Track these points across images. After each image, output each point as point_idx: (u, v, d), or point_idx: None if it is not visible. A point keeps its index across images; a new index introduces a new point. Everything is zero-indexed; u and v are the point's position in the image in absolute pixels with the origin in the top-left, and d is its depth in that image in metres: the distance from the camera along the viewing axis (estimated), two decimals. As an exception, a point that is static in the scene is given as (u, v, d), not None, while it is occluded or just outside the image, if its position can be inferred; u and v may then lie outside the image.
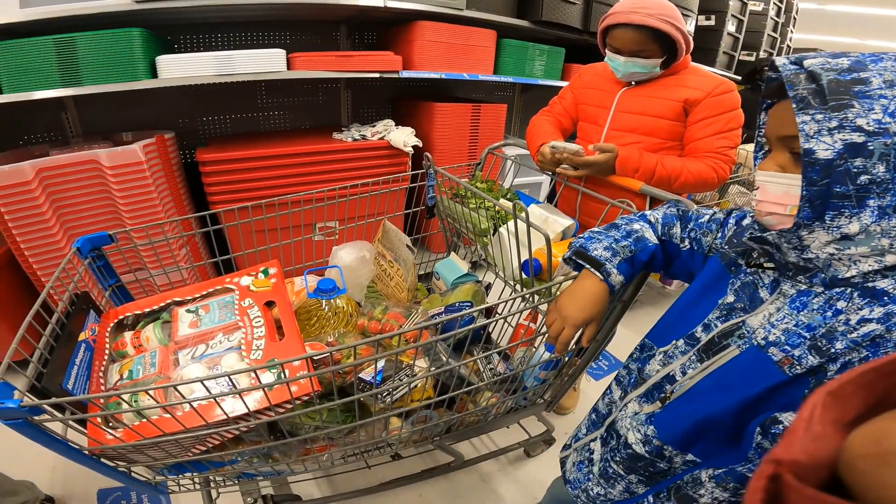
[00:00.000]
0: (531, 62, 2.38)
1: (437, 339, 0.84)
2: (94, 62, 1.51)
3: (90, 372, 0.83)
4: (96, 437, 0.72)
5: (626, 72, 1.32)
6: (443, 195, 1.26)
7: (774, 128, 0.59)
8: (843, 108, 0.49)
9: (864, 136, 0.49)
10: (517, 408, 1.20)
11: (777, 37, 4.40)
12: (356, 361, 0.81)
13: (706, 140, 1.28)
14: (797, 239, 0.55)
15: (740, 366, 0.59)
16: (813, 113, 0.51)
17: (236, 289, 1.01)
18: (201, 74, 1.65)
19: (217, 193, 1.71)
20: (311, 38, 2.23)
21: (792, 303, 0.57)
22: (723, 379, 0.61)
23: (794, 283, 0.59)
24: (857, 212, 0.51)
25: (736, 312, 0.63)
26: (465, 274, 1.27)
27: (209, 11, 1.72)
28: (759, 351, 0.57)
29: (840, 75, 0.51)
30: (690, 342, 0.68)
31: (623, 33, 1.26)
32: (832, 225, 0.52)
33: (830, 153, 0.50)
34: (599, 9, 2.37)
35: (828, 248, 0.53)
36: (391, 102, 2.55)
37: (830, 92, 0.50)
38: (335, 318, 1.09)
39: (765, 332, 0.58)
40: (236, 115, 2.20)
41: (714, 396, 0.61)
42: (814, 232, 0.53)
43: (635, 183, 1.20)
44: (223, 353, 0.88)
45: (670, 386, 0.68)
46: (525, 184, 2.42)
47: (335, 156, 1.84)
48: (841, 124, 0.49)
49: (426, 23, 1.95)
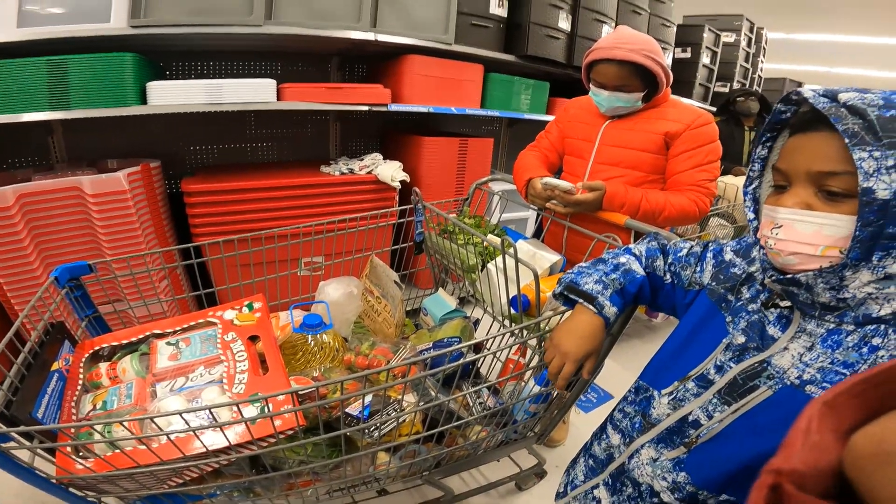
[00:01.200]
0: (517, 96, 2.43)
1: (426, 374, 0.84)
2: (84, 86, 1.50)
3: (62, 401, 0.82)
4: (65, 466, 0.71)
5: (609, 106, 1.36)
6: (430, 231, 1.26)
7: (802, 162, 0.56)
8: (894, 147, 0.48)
9: None
10: (507, 441, 1.18)
11: (749, 67, 4.58)
12: (343, 396, 0.80)
13: (687, 173, 1.32)
14: (838, 279, 0.53)
15: (776, 406, 0.58)
16: (870, 150, 0.49)
17: (219, 322, 1.00)
18: (190, 102, 1.66)
19: (201, 225, 1.69)
20: (303, 68, 2.27)
21: (824, 342, 0.56)
22: (757, 420, 0.59)
23: (821, 321, 0.57)
24: None
25: (749, 352, 0.63)
26: (454, 310, 1.27)
27: (203, 39, 1.74)
28: (794, 390, 0.56)
29: (882, 111, 0.49)
30: (702, 384, 0.66)
31: (606, 68, 1.30)
32: (878, 265, 0.51)
33: (889, 193, 0.48)
34: (582, 43, 2.46)
35: (867, 288, 0.52)
36: (380, 135, 2.57)
37: (882, 128, 0.48)
38: (321, 353, 1.08)
39: (798, 372, 0.57)
40: (224, 145, 2.20)
41: (751, 438, 0.59)
42: (858, 272, 0.52)
43: (621, 217, 1.23)
44: (204, 386, 0.86)
45: (694, 430, 0.66)
46: (512, 219, 2.43)
47: (322, 189, 1.84)
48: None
49: (415, 56, 2.00)
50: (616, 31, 1.33)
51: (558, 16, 2.35)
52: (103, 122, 1.62)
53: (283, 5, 1.74)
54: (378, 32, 1.89)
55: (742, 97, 3.18)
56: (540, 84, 2.51)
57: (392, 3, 1.92)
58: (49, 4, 1.49)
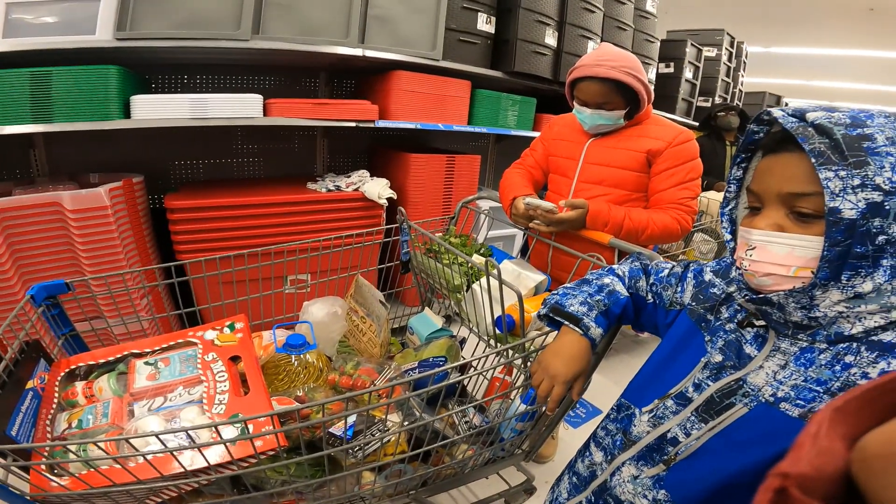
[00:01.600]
0: (504, 112, 2.45)
1: (411, 395, 0.83)
2: (67, 98, 1.48)
3: (36, 420, 0.82)
4: (39, 484, 0.71)
5: (592, 124, 1.38)
6: (416, 250, 1.26)
7: (772, 184, 0.56)
8: (862, 166, 0.48)
9: (882, 195, 0.48)
10: (495, 459, 1.18)
11: (730, 81, 4.66)
12: (326, 417, 0.80)
13: (669, 191, 1.34)
14: (808, 299, 0.54)
15: (752, 423, 0.58)
16: (836, 169, 0.49)
17: (199, 342, 0.99)
18: (175, 117, 1.64)
19: (185, 243, 1.67)
20: (291, 83, 2.26)
21: (797, 360, 0.57)
22: (733, 437, 0.60)
23: (794, 340, 0.58)
24: (872, 271, 0.50)
25: (726, 370, 0.63)
26: (440, 329, 1.26)
27: (189, 53, 1.73)
28: (769, 407, 0.57)
29: (848, 130, 0.50)
30: (681, 402, 0.67)
31: (589, 86, 1.32)
32: (847, 284, 0.51)
33: (855, 213, 0.49)
34: (568, 59, 2.50)
35: (837, 307, 0.53)
36: (367, 151, 2.56)
37: (848, 147, 0.49)
38: (305, 373, 1.07)
39: (772, 390, 0.57)
40: (210, 160, 2.18)
41: (728, 455, 0.60)
42: (828, 291, 0.52)
43: (604, 236, 1.24)
44: (183, 405, 0.86)
45: (673, 448, 0.66)
46: (499, 237, 2.43)
47: (309, 207, 1.83)
48: (863, 182, 0.48)
49: (403, 72, 2.01)
50: (599, 49, 1.36)
51: (545, 32, 2.38)
52: (86, 135, 1.60)
53: (270, 20, 1.74)
54: (366, 48, 1.90)
55: (723, 112, 3.24)
56: (527, 100, 2.53)
57: (380, 18, 1.94)
58: (36, 15, 1.48)
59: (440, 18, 2.07)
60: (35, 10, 1.48)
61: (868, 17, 6.42)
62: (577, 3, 2.48)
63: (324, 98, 2.27)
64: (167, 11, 1.59)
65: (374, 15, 1.92)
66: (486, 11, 2.25)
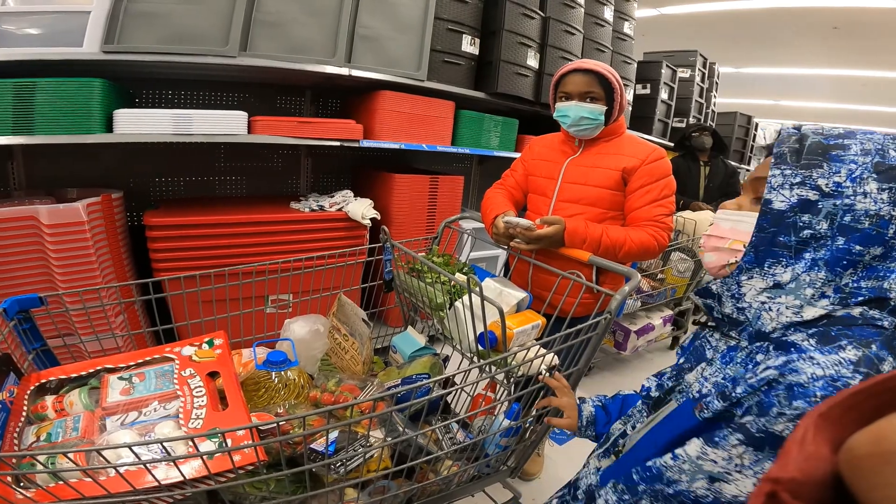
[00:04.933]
0: (487, 133, 2.49)
1: (393, 409, 0.84)
2: (49, 111, 1.46)
3: (4, 432, 0.80)
4: (5, 495, 0.68)
5: (575, 117, 1.40)
6: (399, 269, 1.27)
7: (754, 171, 0.64)
8: (810, 168, 0.54)
9: (818, 195, 0.53)
10: (480, 475, 1.17)
11: (703, 101, 4.79)
12: (306, 432, 0.79)
13: (644, 209, 1.38)
14: (736, 285, 0.59)
15: (675, 417, 0.62)
16: (784, 168, 0.55)
17: (177, 358, 0.98)
18: (157, 132, 1.63)
19: (163, 260, 1.64)
20: (276, 101, 2.27)
21: (723, 357, 0.61)
22: (660, 429, 0.64)
23: (727, 338, 0.63)
24: (793, 262, 0.55)
25: (684, 372, 0.68)
26: (423, 347, 1.27)
27: (175, 68, 1.73)
28: (691, 403, 0.59)
29: (825, 139, 0.55)
30: (646, 401, 0.73)
31: (574, 77, 1.40)
32: (768, 272, 0.56)
33: (784, 205, 0.54)
34: (549, 81, 2.55)
35: (760, 297, 0.57)
36: (351, 171, 2.57)
37: (808, 152, 0.54)
38: (285, 390, 1.06)
39: (699, 386, 0.60)
40: (191, 177, 2.16)
41: (650, 445, 0.63)
42: (752, 278, 0.57)
43: (583, 254, 1.27)
44: (157, 420, 0.84)
45: (622, 440, 0.71)
46: (482, 257, 2.44)
47: (291, 226, 1.82)
48: (803, 181, 0.54)
49: (388, 93, 2.04)
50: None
51: (527, 54, 2.45)
52: (66, 149, 1.58)
53: (258, 37, 1.75)
54: (352, 67, 1.93)
55: (696, 132, 3.35)
56: (509, 121, 2.58)
57: (367, 38, 1.97)
58: (24, 25, 1.47)
59: (426, 39, 2.11)
60: (21, 20, 1.47)
61: (832, 36, 6.67)
62: (558, 26, 2.57)
63: (309, 117, 2.28)
64: (156, 26, 1.59)
65: (362, 35, 1.95)
66: (471, 33, 2.31)
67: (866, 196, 0.52)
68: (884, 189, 0.51)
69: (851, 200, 0.52)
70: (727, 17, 6.60)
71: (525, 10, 2.38)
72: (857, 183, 0.52)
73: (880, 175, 0.52)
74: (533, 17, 2.43)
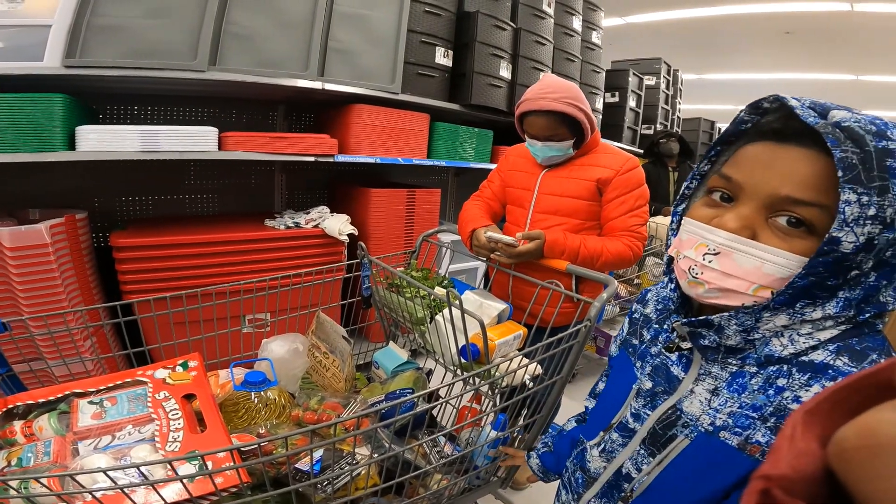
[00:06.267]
0: (463, 145, 2.50)
1: (378, 425, 0.83)
2: (8, 128, 1.40)
3: None
4: None
5: (544, 156, 1.44)
6: (378, 285, 1.26)
7: (768, 179, 0.46)
8: (884, 193, 0.40)
9: (881, 228, 0.40)
10: (471, 487, 1.17)
11: (669, 108, 4.95)
12: (290, 452, 0.78)
13: (620, 219, 1.41)
14: (753, 320, 0.48)
15: (696, 454, 0.54)
16: (861, 193, 0.40)
17: (149, 381, 0.95)
18: (123, 150, 1.57)
19: (132, 282, 1.58)
20: (248, 116, 2.23)
21: (730, 386, 0.52)
22: (681, 470, 0.56)
23: (725, 365, 0.53)
24: (826, 302, 0.45)
25: (659, 397, 0.60)
26: (405, 362, 1.26)
27: (141, 83, 1.68)
28: (709, 437, 0.52)
29: (876, 141, 0.40)
30: (625, 433, 0.64)
31: (535, 120, 1.38)
32: (798, 312, 0.46)
33: (852, 247, 0.41)
34: (521, 91, 2.59)
35: (777, 329, 0.48)
36: (327, 186, 2.54)
37: (878, 165, 0.39)
38: (266, 410, 1.04)
39: (710, 419, 0.53)
40: (160, 196, 2.09)
41: (680, 488, 0.56)
42: (776, 315, 0.47)
43: (562, 263, 1.28)
44: (133, 444, 0.81)
45: (628, 484, 0.63)
46: (462, 270, 2.44)
47: (266, 244, 1.78)
48: (877, 214, 0.40)
49: (363, 106, 2.03)
50: (541, 81, 1.42)
51: (499, 65, 2.49)
52: (27, 167, 1.51)
53: (228, 51, 1.73)
54: (325, 81, 1.92)
55: (664, 139, 3.46)
56: (484, 132, 2.61)
57: (340, 51, 1.97)
58: None
59: (399, 52, 2.12)
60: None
61: (785, 41, 7.01)
62: (529, 37, 2.62)
63: (282, 132, 2.26)
64: (121, 39, 1.54)
65: (334, 48, 1.95)
66: (444, 45, 2.33)
67: None
68: None
69: None
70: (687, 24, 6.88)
71: (497, 21, 2.43)
72: None
73: None
74: (504, 29, 2.48)
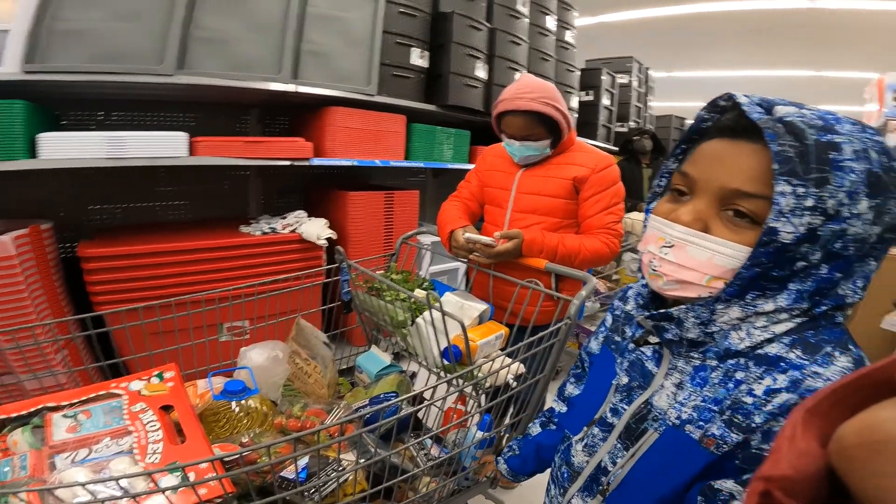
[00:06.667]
0: (440, 146, 2.49)
1: (362, 430, 0.83)
2: None
3: None
4: None
5: (521, 155, 1.45)
6: (358, 289, 1.25)
7: (718, 173, 0.49)
8: (822, 185, 0.42)
9: (822, 219, 0.43)
10: (461, 489, 1.17)
11: (641, 106, 5.06)
12: (274, 460, 0.77)
13: (597, 217, 1.43)
14: (708, 313, 0.50)
15: (665, 448, 0.56)
16: (796, 184, 0.42)
17: (124, 393, 0.93)
18: (89, 157, 1.51)
19: (103, 293, 1.53)
20: (220, 121, 2.18)
21: (693, 380, 0.54)
22: (652, 463, 0.57)
23: (688, 359, 0.55)
24: (777, 294, 0.47)
25: (635, 391, 0.62)
26: (389, 365, 1.25)
27: (107, 88, 1.63)
28: (676, 431, 0.54)
29: (819, 135, 0.43)
30: (605, 428, 0.65)
31: (512, 120, 1.39)
32: (750, 304, 0.48)
33: (792, 237, 0.43)
34: (498, 91, 2.57)
35: (733, 322, 0.50)
36: (304, 190, 2.50)
37: (816, 158, 0.42)
38: (248, 419, 1.03)
39: (676, 412, 0.54)
40: (130, 203, 2.03)
41: (651, 481, 0.57)
42: (730, 307, 0.49)
43: (541, 262, 1.30)
44: (111, 457, 0.80)
45: (605, 477, 0.64)
46: (443, 270, 2.41)
47: (242, 251, 1.74)
48: (815, 205, 0.42)
49: (338, 108, 2.01)
50: (518, 81, 1.43)
51: (475, 65, 2.50)
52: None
53: (197, 54, 1.68)
54: (299, 84, 1.89)
55: (637, 136, 3.54)
56: (461, 133, 2.61)
57: (314, 53, 1.94)
58: None
59: (374, 53, 2.10)
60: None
61: (752, 39, 7.24)
62: (505, 37, 2.64)
63: (256, 136, 2.22)
64: (84, 43, 1.48)
65: (308, 50, 1.92)
66: (420, 46, 2.32)
67: (859, 218, 0.43)
68: (871, 207, 0.43)
69: (846, 225, 0.43)
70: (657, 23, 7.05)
71: (472, 22, 2.43)
72: (853, 201, 0.43)
73: (871, 188, 0.43)
74: (480, 29, 2.48)
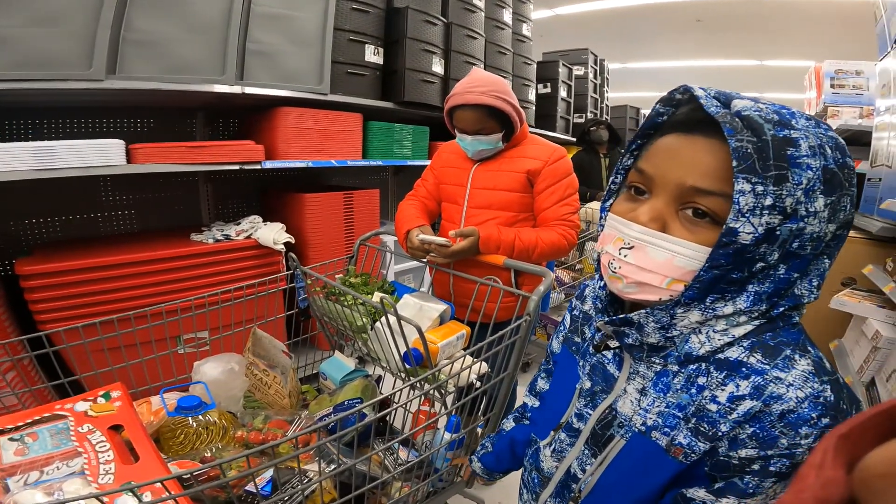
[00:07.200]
0: (399, 143, 2.46)
1: (326, 440, 0.81)
2: None
3: None
4: None
5: (474, 150, 1.45)
6: (316, 295, 1.22)
7: (675, 170, 0.47)
8: (781, 182, 0.40)
9: (780, 218, 0.41)
10: (436, 491, 1.17)
11: (597, 97, 5.17)
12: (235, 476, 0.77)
13: (552, 209, 1.45)
14: (668, 317, 0.48)
15: (632, 456, 0.54)
16: (755, 182, 0.41)
17: (70, 415, 0.91)
18: (14, 169, 1.40)
19: (46, 311, 1.44)
20: (164, 126, 2.07)
21: (655, 386, 0.53)
22: (621, 470, 0.56)
23: (650, 364, 0.54)
24: (736, 296, 0.46)
25: (598, 396, 0.60)
26: (353, 370, 1.24)
27: (30, 95, 1.51)
28: (642, 437, 0.53)
29: (776, 130, 0.41)
30: (572, 433, 0.63)
31: (463, 114, 1.39)
32: (709, 307, 0.47)
33: (751, 237, 0.42)
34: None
35: (693, 326, 0.49)
36: (258, 195, 2.42)
37: (774, 154, 0.40)
38: (206, 434, 1.02)
39: (641, 419, 0.53)
40: (70, 216, 1.90)
41: (622, 489, 0.56)
42: (689, 311, 0.47)
43: (499, 258, 1.30)
44: (63, 478, 0.79)
45: (576, 484, 0.62)
46: (408, 269, 2.37)
47: (193, 260, 1.67)
48: (774, 203, 0.41)
49: (289, 109, 1.95)
50: (469, 76, 1.43)
51: (432, 60, 2.47)
52: None
53: (130, 58, 1.58)
54: (246, 85, 1.81)
55: (594, 126, 3.62)
56: (420, 129, 2.58)
57: (260, 53, 1.86)
58: None
59: (326, 51, 2.05)
60: None
61: (696, 28, 7.49)
62: (461, 31, 2.62)
63: (203, 140, 2.12)
64: (4, 50, 1.37)
65: (254, 50, 1.85)
66: (374, 43, 2.28)
67: (815, 216, 0.42)
68: (827, 204, 0.42)
69: (803, 223, 0.42)
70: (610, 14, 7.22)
71: (427, 16, 2.40)
72: (810, 199, 0.42)
73: (826, 185, 0.42)
74: (435, 24, 2.46)
